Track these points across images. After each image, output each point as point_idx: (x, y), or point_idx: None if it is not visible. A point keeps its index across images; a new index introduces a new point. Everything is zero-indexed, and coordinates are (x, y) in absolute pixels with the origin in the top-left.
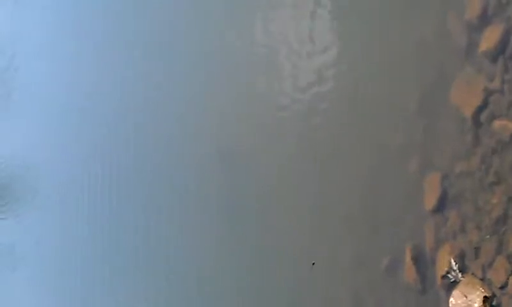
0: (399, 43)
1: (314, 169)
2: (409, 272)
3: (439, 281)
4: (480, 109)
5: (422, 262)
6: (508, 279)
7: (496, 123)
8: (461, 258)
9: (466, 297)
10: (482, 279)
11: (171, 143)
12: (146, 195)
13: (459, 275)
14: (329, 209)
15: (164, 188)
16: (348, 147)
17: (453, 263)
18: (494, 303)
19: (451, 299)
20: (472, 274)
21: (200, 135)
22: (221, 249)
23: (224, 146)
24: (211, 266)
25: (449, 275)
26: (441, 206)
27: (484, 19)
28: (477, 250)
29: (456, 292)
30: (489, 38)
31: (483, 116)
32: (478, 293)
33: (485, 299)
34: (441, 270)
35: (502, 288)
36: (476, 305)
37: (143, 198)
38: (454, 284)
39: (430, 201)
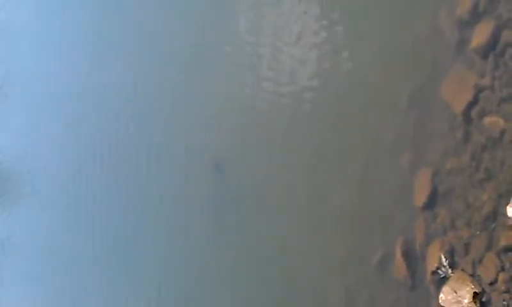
0: (391, 39)
1: (305, 167)
2: (399, 268)
3: (429, 276)
4: (471, 105)
5: (412, 258)
6: (498, 275)
7: (487, 120)
8: (451, 254)
9: (456, 292)
10: (472, 275)
11: (162, 145)
12: (138, 196)
13: (449, 271)
14: (321, 206)
15: (156, 189)
16: (339, 143)
17: (443, 259)
18: (484, 299)
19: (441, 295)
20: (462, 270)
21: (192, 141)
22: (214, 246)
23: (217, 149)
24: (204, 262)
25: (439, 271)
26: (431, 203)
27: (475, 16)
28: (467, 246)
29: (445, 288)
30: (480, 35)
31: (474, 112)
32: (468, 289)
33: (475, 294)
34: (432, 266)
35: (491, 284)
36: (466, 301)
37: (135, 198)
38: (444, 280)
39: (420, 198)
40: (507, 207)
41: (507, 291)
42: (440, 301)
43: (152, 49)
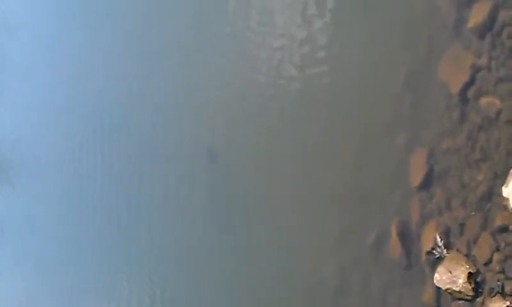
0: (386, 19)
1: (300, 148)
2: (394, 248)
3: (424, 256)
4: (468, 85)
5: (407, 238)
6: (492, 255)
7: (483, 100)
8: (446, 235)
9: (450, 272)
10: (467, 256)
11: (155, 137)
12: (134, 187)
13: (444, 251)
14: (316, 186)
15: (152, 184)
16: (334, 124)
17: (438, 240)
18: (478, 279)
19: (436, 275)
20: (457, 250)
21: (188, 133)
22: (209, 231)
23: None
24: (199, 248)
25: (434, 252)
26: (427, 183)
27: None
28: (462, 226)
29: (440, 268)
30: (478, 15)
31: (470, 93)
32: (462, 269)
33: (469, 275)
34: (427, 246)
35: (486, 264)
36: (460, 281)
37: (130, 189)
38: (439, 260)
39: (416, 178)
40: (503, 188)
41: (501, 272)
42: (435, 281)
43: (148, 39)
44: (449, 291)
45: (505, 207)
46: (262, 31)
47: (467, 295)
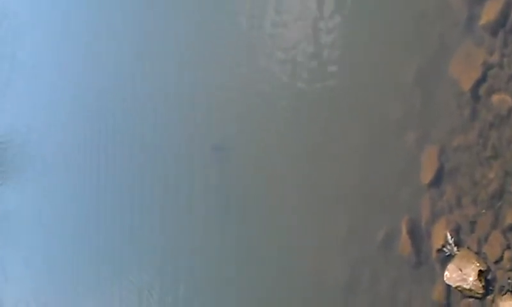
0: (398, 14)
1: (310, 142)
2: (404, 245)
3: (434, 254)
4: (479, 82)
5: (417, 236)
6: (503, 253)
7: (495, 97)
8: (456, 232)
9: (461, 270)
10: (477, 253)
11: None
12: (140, 185)
13: (455, 249)
14: (326, 182)
15: (156, 182)
16: (345, 119)
17: (449, 237)
18: (489, 277)
19: (446, 273)
20: (468, 248)
21: (194, 130)
22: (217, 225)
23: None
24: (208, 243)
25: (444, 249)
26: (437, 180)
27: None
28: (472, 224)
29: (451, 266)
30: (490, 11)
31: (482, 90)
32: (473, 267)
33: (480, 272)
34: (437, 243)
35: (496, 262)
36: (471, 279)
37: (136, 187)
38: (449, 258)
39: (427, 175)
40: None
41: None
42: (445, 279)
43: (157, 37)
44: (459, 289)
45: None
46: (270, 27)
47: (477, 293)
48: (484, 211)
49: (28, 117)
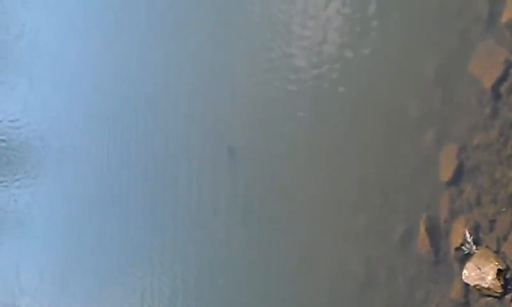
0: (419, 11)
1: (329, 140)
2: (423, 243)
3: (453, 252)
4: (501, 80)
5: (436, 233)
6: None
7: None
8: (475, 231)
9: (479, 269)
10: (496, 252)
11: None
12: (156, 188)
13: (473, 247)
14: (344, 179)
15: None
16: (364, 116)
17: (467, 236)
18: (507, 276)
19: (464, 271)
20: (486, 246)
21: (209, 132)
22: (233, 220)
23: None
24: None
25: (463, 248)
26: (457, 178)
27: None
28: (492, 223)
29: (469, 264)
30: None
31: (503, 88)
32: (492, 265)
33: (499, 271)
34: (456, 242)
35: None
36: (489, 277)
37: (152, 190)
38: (468, 256)
39: (446, 173)
40: None
41: None
42: (464, 277)
43: (176, 38)
44: (478, 287)
45: None
46: (285, 28)
47: (496, 292)
48: (503, 210)
49: (50, 109)
